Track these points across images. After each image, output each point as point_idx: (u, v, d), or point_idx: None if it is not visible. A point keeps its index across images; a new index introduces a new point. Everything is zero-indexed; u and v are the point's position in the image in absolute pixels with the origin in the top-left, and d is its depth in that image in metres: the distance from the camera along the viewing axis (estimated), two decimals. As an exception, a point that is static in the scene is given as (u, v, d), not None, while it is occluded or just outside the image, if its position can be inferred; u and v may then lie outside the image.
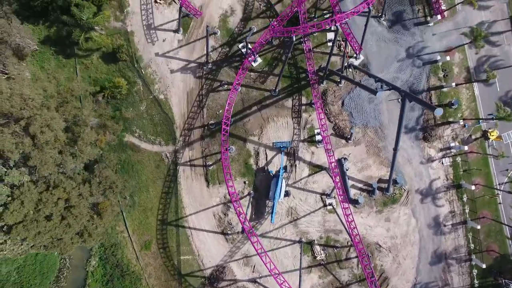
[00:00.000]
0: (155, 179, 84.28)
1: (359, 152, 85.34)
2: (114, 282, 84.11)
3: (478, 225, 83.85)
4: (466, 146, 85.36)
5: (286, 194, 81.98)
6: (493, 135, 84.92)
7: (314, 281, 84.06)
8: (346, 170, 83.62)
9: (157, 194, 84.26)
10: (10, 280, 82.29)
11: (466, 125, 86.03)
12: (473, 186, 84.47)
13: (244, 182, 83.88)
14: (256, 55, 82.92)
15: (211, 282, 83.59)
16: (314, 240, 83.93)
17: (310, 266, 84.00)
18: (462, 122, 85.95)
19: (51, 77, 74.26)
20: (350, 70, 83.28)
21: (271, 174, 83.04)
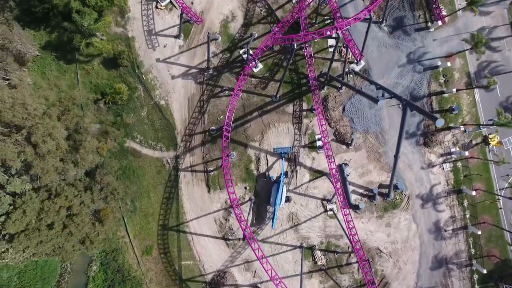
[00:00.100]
0: (156, 185, 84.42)
1: (360, 157, 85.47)
2: (115, 287, 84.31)
3: (479, 230, 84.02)
4: (466, 151, 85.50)
5: (287, 199, 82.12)
6: (493, 141, 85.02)
7: (315, 286, 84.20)
8: (347, 175, 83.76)
9: (158, 200, 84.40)
10: (11, 285, 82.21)
11: (467, 130, 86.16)
12: (473, 192, 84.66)
13: (245, 188, 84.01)
14: (257, 61, 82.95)
15: (212, 287, 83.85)
16: (315, 245, 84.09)
17: (311, 271, 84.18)
18: (462, 127, 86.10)
19: (52, 84, 74.31)
20: (351, 76, 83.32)
21: (272, 180, 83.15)
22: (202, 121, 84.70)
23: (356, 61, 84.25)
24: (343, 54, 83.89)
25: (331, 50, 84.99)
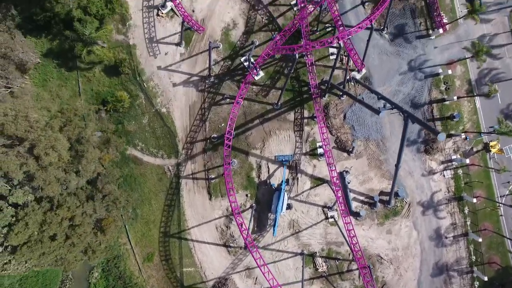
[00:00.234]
0: (158, 192, 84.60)
1: (361, 165, 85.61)
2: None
3: (480, 237, 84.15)
4: (467, 158, 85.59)
5: (288, 207, 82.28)
6: (494, 149, 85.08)
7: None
8: (348, 183, 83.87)
9: (159, 207, 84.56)
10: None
11: (468, 138, 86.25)
12: (474, 199, 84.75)
13: (246, 195, 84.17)
14: (258, 69, 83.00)
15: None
16: (316, 252, 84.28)
17: (312, 278, 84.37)
18: (463, 135, 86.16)
19: (54, 95, 74.31)
20: (352, 83, 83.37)
21: (273, 187, 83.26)
22: (203, 128, 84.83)
23: (357, 69, 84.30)
24: (344, 63, 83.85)
25: (332, 57, 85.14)
